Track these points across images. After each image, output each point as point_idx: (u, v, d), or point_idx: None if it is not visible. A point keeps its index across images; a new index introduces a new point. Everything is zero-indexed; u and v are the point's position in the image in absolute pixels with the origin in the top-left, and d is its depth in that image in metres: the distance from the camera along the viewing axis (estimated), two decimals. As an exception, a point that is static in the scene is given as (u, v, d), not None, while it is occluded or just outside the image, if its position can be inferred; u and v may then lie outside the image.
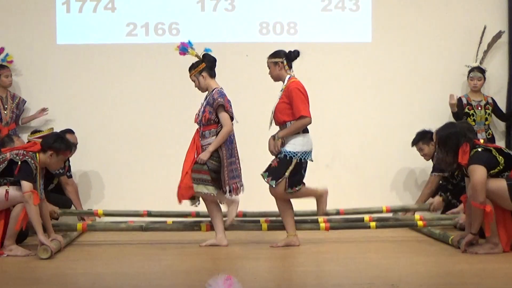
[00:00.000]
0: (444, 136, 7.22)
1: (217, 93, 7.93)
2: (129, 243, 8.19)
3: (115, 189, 10.39)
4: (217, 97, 7.88)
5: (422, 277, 6.15)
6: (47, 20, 10.43)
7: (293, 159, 7.74)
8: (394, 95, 10.49)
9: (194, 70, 8.05)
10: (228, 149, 7.87)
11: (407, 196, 10.43)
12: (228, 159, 7.84)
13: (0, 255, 7.14)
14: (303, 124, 7.76)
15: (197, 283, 5.07)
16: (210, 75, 8.05)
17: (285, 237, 7.88)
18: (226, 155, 7.84)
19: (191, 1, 10.55)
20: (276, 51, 8.07)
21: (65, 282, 6.04)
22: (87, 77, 10.44)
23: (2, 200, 7.11)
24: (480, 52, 10.40)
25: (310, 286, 5.82)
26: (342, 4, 10.56)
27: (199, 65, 8.04)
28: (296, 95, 7.73)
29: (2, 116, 9.91)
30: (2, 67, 10.03)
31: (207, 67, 8.02)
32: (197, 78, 8.03)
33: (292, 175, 7.72)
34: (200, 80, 8.03)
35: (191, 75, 8.09)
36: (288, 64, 7.95)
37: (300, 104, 7.71)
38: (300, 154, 7.77)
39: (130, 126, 10.39)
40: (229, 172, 7.84)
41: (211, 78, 8.05)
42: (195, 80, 8.06)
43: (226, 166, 7.82)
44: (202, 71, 8.01)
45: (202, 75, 8.01)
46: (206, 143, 7.91)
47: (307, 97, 7.84)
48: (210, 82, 8.04)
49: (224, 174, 7.82)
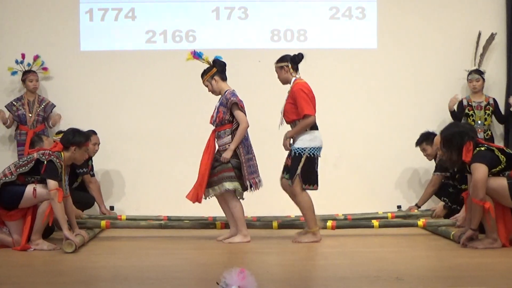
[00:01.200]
0: (448, 135, 7.20)
1: (229, 93, 7.95)
2: (148, 238, 8.21)
3: (135, 187, 10.42)
4: (230, 97, 7.90)
5: (425, 270, 6.15)
6: (71, 28, 10.46)
7: (302, 155, 7.77)
8: (398, 98, 10.48)
9: (206, 75, 8.08)
10: (245, 146, 7.89)
11: (411, 195, 10.41)
12: (245, 156, 7.86)
13: (27, 249, 7.17)
14: (308, 123, 7.78)
15: (213, 276, 5.07)
16: (222, 79, 8.07)
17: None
18: (243, 152, 7.86)
19: (206, 10, 10.57)
20: (282, 56, 8.12)
21: (88, 275, 6.05)
22: (109, 82, 10.47)
23: (30, 197, 7.14)
24: (478, 56, 10.38)
25: (319, 278, 5.83)
26: (349, 12, 10.57)
27: (210, 70, 8.07)
28: (299, 96, 7.77)
29: (27, 118, 9.94)
30: (28, 72, 10.06)
31: (218, 71, 8.05)
32: (210, 82, 8.05)
33: (304, 172, 7.75)
34: (213, 84, 8.04)
35: (204, 80, 8.10)
36: (293, 67, 8.00)
37: (303, 103, 7.75)
38: (308, 150, 7.79)
39: (149, 128, 10.41)
40: (247, 167, 7.85)
41: (223, 81, 8.08)
42: (208, 84, 8.08)
43: (245, 162, 7.83)
44: (214, 75, 8.03)
45: (214, 79, 8.03)
46: (222, 143, 7.92)
47: (311, 96, 7.87)
48: (222, 85, 8.06)
49: (244, 170, 7.83)
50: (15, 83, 10.33)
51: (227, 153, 7.79)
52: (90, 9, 10.52)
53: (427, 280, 5.66)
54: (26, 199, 7.15)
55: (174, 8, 10.59)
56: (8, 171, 7.24)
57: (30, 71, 10.07)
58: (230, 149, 7.79)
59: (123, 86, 10.45)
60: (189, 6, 10.58)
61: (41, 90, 10.26)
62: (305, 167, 7.77)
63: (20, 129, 9.95)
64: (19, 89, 10.29)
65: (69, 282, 5.65)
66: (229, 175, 7.81)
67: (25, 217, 7.26)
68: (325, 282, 5.60)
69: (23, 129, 9.92)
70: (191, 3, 10.58)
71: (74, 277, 5.89)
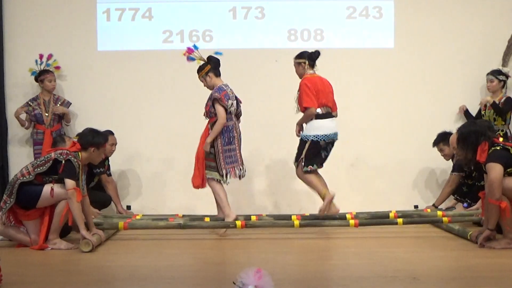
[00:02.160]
0: (464, 134, 7.19)
1: (215, 89, 8.44)
2: (165, 238, 8.22)
3: (152, 187, 10.44)
4: (213, 92, 8.42)
5: (442, 271, 6.14)
6: (88, 28, 10.49)
7: (307, 142, 8.44)
8: (415, 98, 10.44)
9: (201, 71, 8.59)
10: (225, 138, 8.38)
11: (428, 195, 10.38)
12: (224, 146, 8.37)
13: (45, 248, 7.21)
14: (308, 114, 8.45)
15: (230, 275, 5.09)
16: (216, 75, 8.57)
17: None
18: (222, 143, 8.35)
19: (223, 10, 10.58)
20: (301, 52, 8.74)
21: (105, 274, 6.09)
22: (126, 82, 10.49)
23: (48, 197, 7.18)
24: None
25: (336, 278, 5.83)
26: (366, 12, 10.55)
27: (205, 67, 8.56)
28: (302, 90, 8.48)
29: (44, 118, 9.98)
30: (46, 72, 10.09)
31: (212, 68, 8.54)
32: (205, 78, 8.56)
33: (308, 155, 8.44)
34: (207, 80, 8.55)
35: (199, 76, 8.61)
36: (310, 64, 8.65)
37: (304, 97, 8.43)
38: (312, 137, 8.43)
39: (167, 128, 10.43)
40: (225, 158, 8.35)
41: (216, 77, 8.57)
42: (203, 80, 8.60)
43: (222, 153, 8.35)
44: (209, 72, 8.53)
45: (208, 75, 8.54)
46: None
47: (314, 89, 8.45)
48: (216, 81, 8.55)
49: (220, 159, 8.35)
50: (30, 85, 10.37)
51: (205, 145, 8.33)
52: (107, 9, 10.55)
53: (444, 281, 5.67)
54: (44, 198, 7.19)
55: (191, 8, 10.59)
56: (26, 171, 7.28)
57: (47, 71, 10.10)
58: (206, 141, 8.33)
59: (140, 86, 10.47)
60: (206, 6, 10.59)
61: (57, 90, 10.28)
62: (309, 151, 8.45)
63: (36, 128, 9.99)
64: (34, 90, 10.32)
65: (86, 281, 5.69)
66: (209, 164, 8.41)
67: (43, 216, 7.30)
68: (341, 282, 5.61)
69: (40, 129, 9.95)
70: (208, 3, 10.58)
71: (91, 276, 5.92)
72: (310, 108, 8.40)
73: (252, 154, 10.35)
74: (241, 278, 4.62)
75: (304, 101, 8.42)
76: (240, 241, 7.97)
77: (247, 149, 10.30)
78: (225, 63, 9.81)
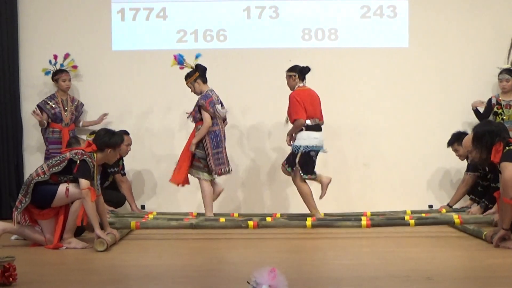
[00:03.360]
0: (479, 133, 7.17)
1: (202, 96, 9.09)
2: (179, 237, 8.24)
3: (166, 187, 10.44)
4: (200, 98, 9.07)
5: (456, 271, 6.14)
6: (103, 28, 10.53)
7: (297, 151, 8.98)
8: (429, 98, 10.43)
9: (190, 78, 9.19)
10: (213, 141, 9.06)
11: (442, 195, 10.36)
12: (213, 150, 9.05)
13: (60, 247, 7.24)
14: (298, 125, 9.00)
15: (244, 275, 5.09)
16: (203, 81, 9.18)
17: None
18: (211, 146, 9.04)
19: (237, 9, 10.60)
20: (292, 66, 9.23)
21: (119, 273, 6.11)
22: (140, 81, 10.52)
23: (63, 196, 7.21)
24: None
25: (349, 278, 5.83)
26: (380, 11, 10.54)
27: (193, 74, 9.17)
28: (291, 103, 9.06)
29: (63, 117, 10.02)
30: (61, 71, 10.13)
31: (200, 75, 9.16)
32: (193, 85, 9.18)
33: (301, 164, 8.97)
34: (196, 86, 9.17)
35: (188, 83, 9.22)
36: (300, 77, 9.15)
37: (293, 110, 9.02)
38: (303, 148, 8.96)
39: (181, 128, 10.45)
40: (214, 160, 9.05)
41: (204, 84, 9.18)
42: (191, 86, 9.21)
43: (212, 155, 9.04)
44: (197, 79, 9.15)
45: (197, 82, 9.16)
46: None
47: (303, 102, 8.98)
48: (203, 87, 9.16)
49: (210, 161, 9.04)
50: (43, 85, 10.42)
51: (191, 147, 9.04)
52: (122, 8, 10.59)
53: (458, 281, 5.66)
54: (59, 198, 7.22)
55: (205, 8, 10.61)
56: (41, 170, 7.32)
57: (62, 70, 10.14)
58: (192, 143, 9.05)
59: (154, 85, 10.50)
60: (220, 5, 10.61)
61: (72, 89, 10.33)
62: (302, 161, 8.99)
63: (52, 127, 10.02)
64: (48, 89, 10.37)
65: (101, 281, 5.71)
66: (197, 165, 9.13)
67: (58, 216, 7.33)
68: (355, 282, 5.61)
69: (55, 127, 9.99)
70: (222, 2, 10.60)
71: (105, 276, 5.95)
72: (299, 120, 8.95)
73: (264, 153, 10.39)
74: (255, 278, 4.63)
75: (293, 114, 9.00)
76: (254, 241, 7.99)
77: (259, 148, 10.35)
78: (239, 63, 9.89)
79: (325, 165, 9.86)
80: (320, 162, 9.35)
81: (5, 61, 10.33)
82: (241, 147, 10.30)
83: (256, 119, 10.45)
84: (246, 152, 10.44)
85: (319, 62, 10.22)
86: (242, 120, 10.35)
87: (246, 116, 10.39)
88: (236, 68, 10.34)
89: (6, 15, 10.33)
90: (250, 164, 10.50)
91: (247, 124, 10.45)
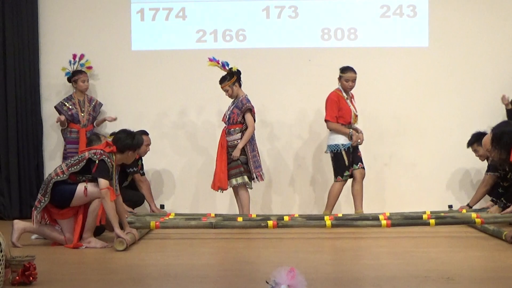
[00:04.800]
0: (498, 134, 7.15)
1: (245, 99, 9.27)
2: (198, 237, 8.26)
3: (186, 186, 10.50)
4: (245, 102, 9.24)
5: (476, 271, 6.10)
6: (123, 28, 10.58)
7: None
8: (449, 97, 10.40)
9: (228, 81, 9.32)
10: (251, 145, 9.25)
11: (462, 196, 10.33)
12: (251, 153, 9.23)
13: (79, 247, 7.27)
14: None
15: (262, 274, 5.11)
16: (240, 85, 9.37)
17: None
18: (250, 150, 9.23)
19: (257, 9, 10.60)
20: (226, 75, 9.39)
21: (138, 272, 6.12)
22: (159, 81, 10.55)
23: (82, 196, 7.24)
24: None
25: (368, 278, 5.82)
26: (400, 10, 10.51)
27: (232, 77, 9.30)
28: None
29: (80, 118, 10.06)
30: (79, 72, 10.17)
31: (238, 79, 9.33)
32: (231, 88, 9.33)
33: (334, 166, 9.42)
34: (234, 89, 9.33)
35: (225, 85, 9.35)
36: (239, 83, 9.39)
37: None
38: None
39: (200, 127, 10.49)
40: (253, 162, 9.24)
41: (239, 87, 9.37)
42: (228, 89, 9.35)
43: (251, 158, 9.23)
44: (235, 82, 9.30)
45: (235, 86, 9.32)
46: (232, 139, 9.26)
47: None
48: (239, 91, 9.36)
49: (251, 165, 9.23)
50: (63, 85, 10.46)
51: (236, 151, 9.14)
52: (141, 9, 10.62)
53: (478, 281, 5.63)
54: (78, 197, 7.25)
55: (225, 8, 10.63)
56: (60, 170, 7.35)
57: (81, 71, 10.18)
58: (238, 148, 9.15)
59: (173, 85, 10.53)
60: (240, 5, 10.62)
61: (91, 90, 10.38)
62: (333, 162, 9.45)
63: (70, 128, 10.06)
64: (67, 89, 10.42)
65: (120, 280, 5.73)
66: (238, 171, 9.20)
67: (77, 215, 7.36)
68: (374, 282, 5.60)
69: (74, 127, 10.03)
70: (242, 2, 10.62)
71: (124, 275, 5.96)
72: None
73: (285, 152, 10.39)
74: (274, 277, 4.63)
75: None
76: (272, 241, 7.99)
77: (279, 148, 10.35)
78: (258, 63, 9.90)
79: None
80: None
81: (26, 62, 10.39)
82: (260, 147, 10.30)
83: (274, 118, 10.45)
84: (266, 151, 10.41)
85: (339, 62, 10.19)
86: (261, 119, 10.32)
87: (265, 116, 10.38)
88: (255, 68, 10.33)
89: (27, 15, 10.39)
90: (270, 164, 10.49)
91: (267, 123, 10.43)
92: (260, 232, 8.28)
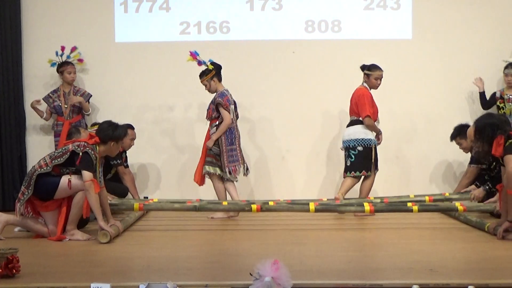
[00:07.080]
0: (480, 126, 7.16)
1: (218, 94, 9.12)
2: (182, 229, 8.25)
3: (171, 180, 10.48)
4: (217, 97, 9.10)
5: (459, 263, 6.13)
6: (106, 20, 10.53)
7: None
8: (433, 90, 10.41)
9: (206, 76, 9.19)
10: (228, 138, 9.08)
11: (446, 188, 10.33)
12: (227, 146, 9.06)
13: (63, 239, 7.25)
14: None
15: (247, 267, 5.10)
16: (219, 80, 9.21)
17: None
18: (226, 143, 9.06)
19: (240, 1, 10.57)
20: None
21: (123, 265, 6.11)
22: (143, 73, 10.52)
23: (65, 188, 7.21)
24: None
25: (353, 269, 5.83)
26: (383, 3, 10.51)
27: (210, 72, 9.15)
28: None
29: (63, 110, 10.02)
30: (66, 64, 10.13)
31: (216, 73, 9.17)
32: (209, 82, 9.18)
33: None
34: (212, 84, 9.18)
35: (204, 80, 9.20)
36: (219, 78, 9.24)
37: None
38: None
39: (185, 120, 10.48)
40: (228, 157, 9.06)
41: (219, 82, 9.21)
42: (207, 84, 9.21)
43: (226, 152, 9.05)
44: (213, 77, 9.15)
45: (213, 80, 9.16)
46: (211, 134, 9.16)
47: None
48: (218, 85, 9.20)
49: (224, 158, 9.05)
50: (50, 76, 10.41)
51: (210, 142, 9.10)
52: (125, 0, 10.57)
53: (461, 272, 5.66)
54: (61, 190, 7.22)
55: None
56: (44, 162, 7.32)
57: (68, 62, 10.14)
58: (211, 139, 9.09)
59: (157, 77, 10.50)
60: (223, -3, 10.61)
61: (77, 81, 10.33)
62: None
63: (57, 120, 10.05)
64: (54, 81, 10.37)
65: (104, 272, 5.71)
66: (210, 160, 9.13)
67: (60, 207, 7.33)
68: (358, 274, 5.60)
69: (60, 120, 10.01)
70: (225, -6, 10.61)
71: (108, 267, 5.94)
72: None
73: (269, 144, 10.38)
74: (258, 270, 4.64)
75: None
76: (257, 232, 7.99)
77: (264, 140, 10.34)
78: (242, 55, 9.86)
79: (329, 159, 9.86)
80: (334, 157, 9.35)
81: (8, 53, 10.33)
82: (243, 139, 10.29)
83: (259, 110, 10.44)
84: (248, 144, 10.40)
85: (322, 54, 10.21)
86: (245, 112, 10.30)
87: (249, 108, 10.36)
88: (239, 60, 10.31)
89: (10, 7, 10.32)
90: (254, 157, 10.49)
91: (251, 116, 10.42)
92: (245, 224, 8.28)
